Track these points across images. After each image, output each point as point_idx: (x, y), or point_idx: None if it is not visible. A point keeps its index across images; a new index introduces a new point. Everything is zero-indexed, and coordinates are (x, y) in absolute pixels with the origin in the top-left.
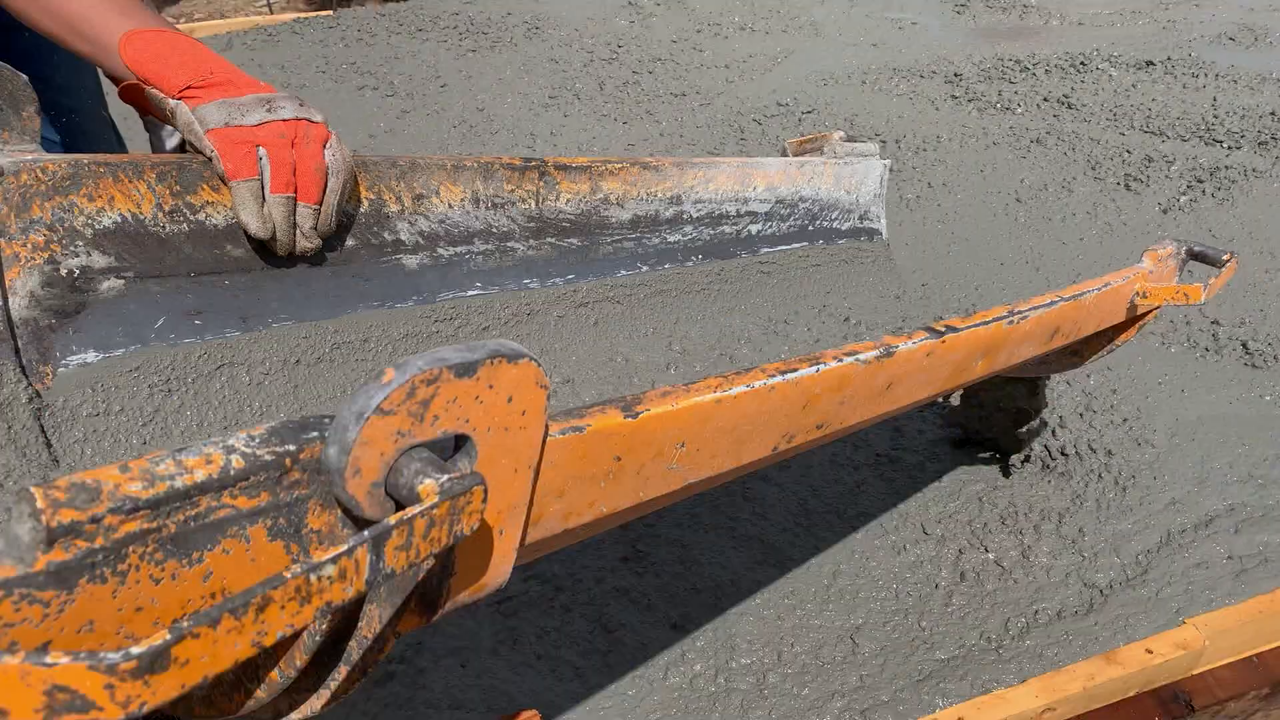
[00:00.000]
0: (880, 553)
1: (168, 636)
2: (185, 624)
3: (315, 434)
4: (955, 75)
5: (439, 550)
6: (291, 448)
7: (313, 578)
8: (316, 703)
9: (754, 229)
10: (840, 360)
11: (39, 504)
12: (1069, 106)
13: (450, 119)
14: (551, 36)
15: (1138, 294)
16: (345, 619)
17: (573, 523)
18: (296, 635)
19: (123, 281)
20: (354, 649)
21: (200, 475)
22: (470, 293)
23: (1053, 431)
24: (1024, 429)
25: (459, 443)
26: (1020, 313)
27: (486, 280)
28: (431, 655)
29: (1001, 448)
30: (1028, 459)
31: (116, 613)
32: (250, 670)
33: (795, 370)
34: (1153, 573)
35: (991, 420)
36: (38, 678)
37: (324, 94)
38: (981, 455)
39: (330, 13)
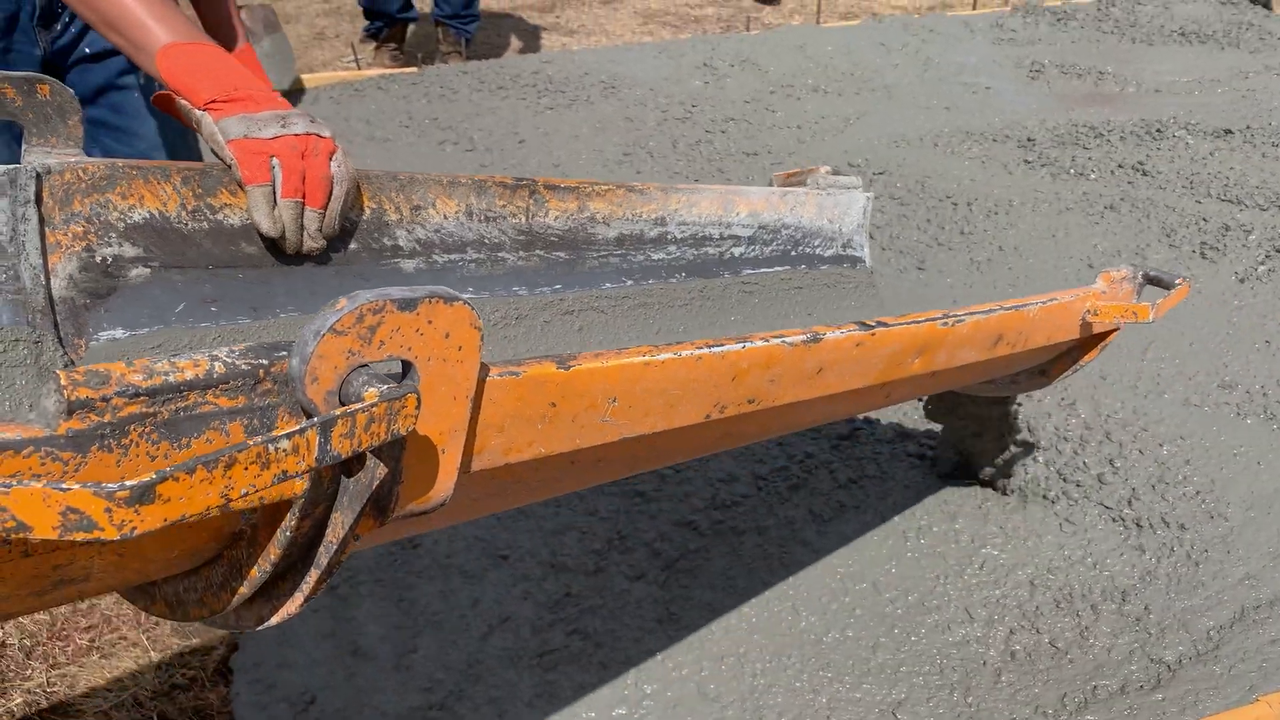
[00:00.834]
0: (922, 629)
1: (154, 476)
2: (168, 469)
3: (284, 353)
4: (1028, 140)
5: (377, 444)
6: (264, 361)
7: (271, 448)
8: (292, 606)
9: (737, 251)
10: (767, 341)
11: (62, 383)
12: (1144, 173)
13: (527, 174)
14: (627, 96)
15: (1089, 311)
16: (314, 529)
17: (513, 458)
18: (274, 519)
19: (149, 270)
20: (322, 554)
21: (189, 374)
22: (462, 296)
23: (1128, 502)
24: (1008, 452)
25: (405, 370)
26: (956, 316)
27: (478, 286)
28: (471, 703)
29: (983, 475)
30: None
31: (120, 479)
32: (235, 570)
33: (722, 345)
34: (1225, 649)
35: (975, 443)
36: (55, 500)
37: (406, 147)
38: (1028, 541)
39: (415, 70)
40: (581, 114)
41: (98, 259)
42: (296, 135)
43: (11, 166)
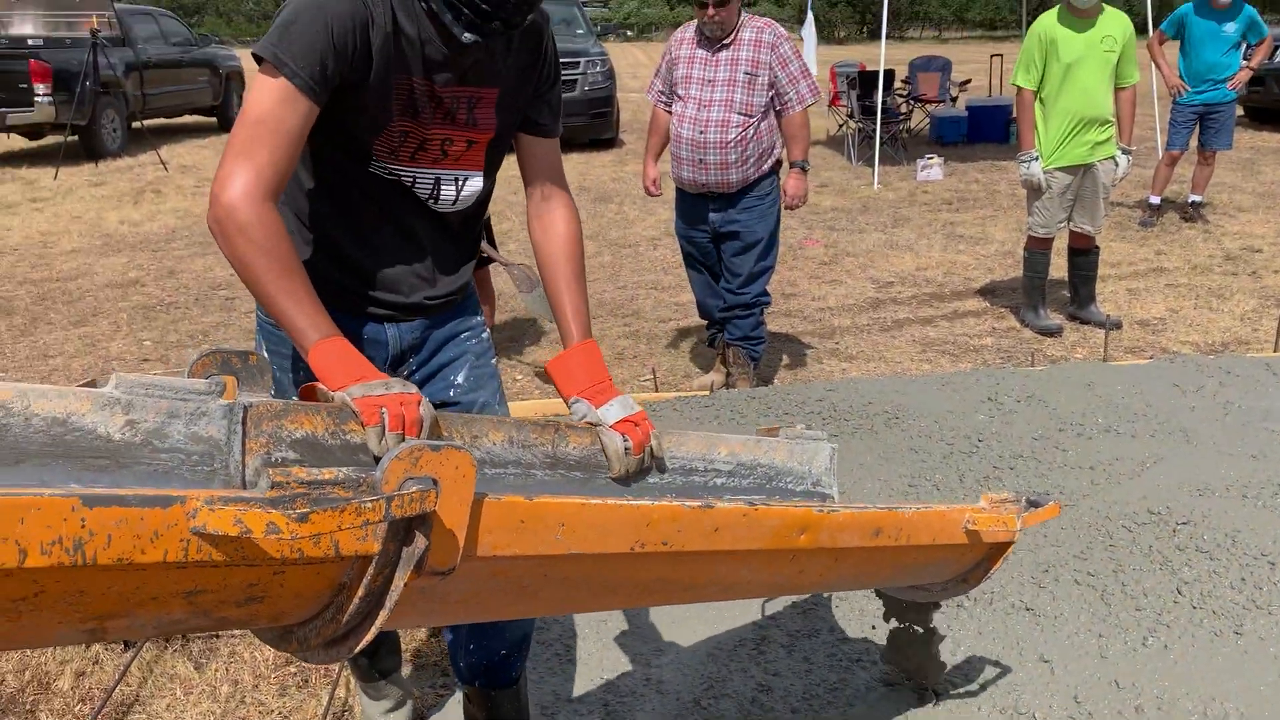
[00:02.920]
0: None
1: (308, 509)
2: (315, 508)
3: (374, 470)
4: None
5: (415, 515)
6: (363, 474)
7: (362, 504)
8: (365, 637)
9: (719, 481)
10: (671, 502)
11: (271, 475)
12: None
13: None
14: (911, 427)
15: (968, 521)
16: (383, 583)
17: (499, 552)
18: (362, 572)
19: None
20: (389, 596)
21: (327, 477)
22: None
23: None
24: (931, 655)
25: (434, 483)
26: (832, 507)
27: (514, 493)
28: None
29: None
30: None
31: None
32: (337, 612)
33: (639, 500)
34: None
35: (908, 651)
36: (263, 516)
37: None
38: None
39: (708, 393)
40: (866, 443)
41: (273, 459)
42: (396, 393)
43: (232, 401)
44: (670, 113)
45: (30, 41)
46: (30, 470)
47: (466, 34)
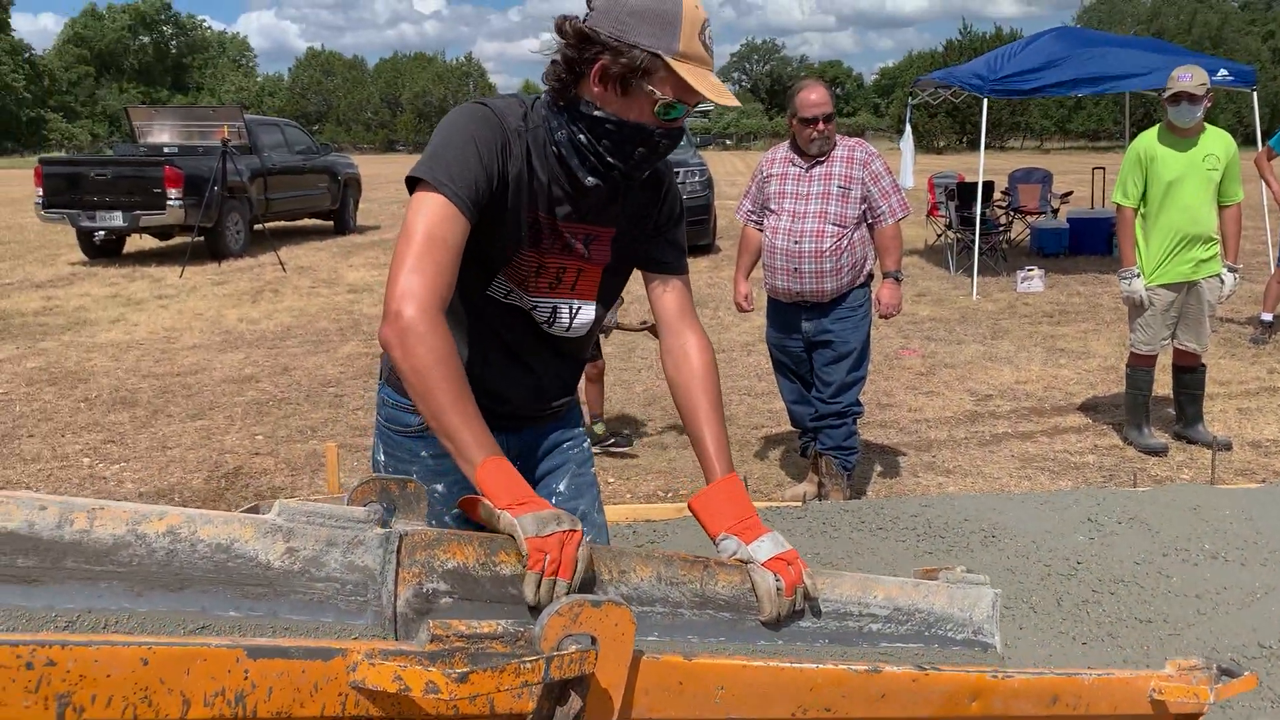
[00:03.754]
0: None
1: (468, 669)
2: (476, 668)
3: (533, 625)
4: None
5: (573, 676)
6: (522, 628)
7: (521, 664)
8: None
9: (874, 627)
10: (837, 665)
11: (432, 627)
12: None
13: None
14: (1008, 546)
15: (1154, 690)
16: None
17: (657, 714)
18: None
19: (451, 600)
20: None
21: (486, 630)
22: (650, 638)
23: None
24: None
25: (593, 641)
26: (1006, 671)
27: (662, 632)
28: None
29: None
30: None
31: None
32: None
33: (802, 663)
34: None
35: None
36: (422, 675)
37: None
38: None
39: (800, 504)
40: (961, 561)
41: (424, 590)
42: (563, 531)
43: (388, 529)
44: (760, 230)
45: (166, 149)
46: (193, 596)
47: (590, 178)
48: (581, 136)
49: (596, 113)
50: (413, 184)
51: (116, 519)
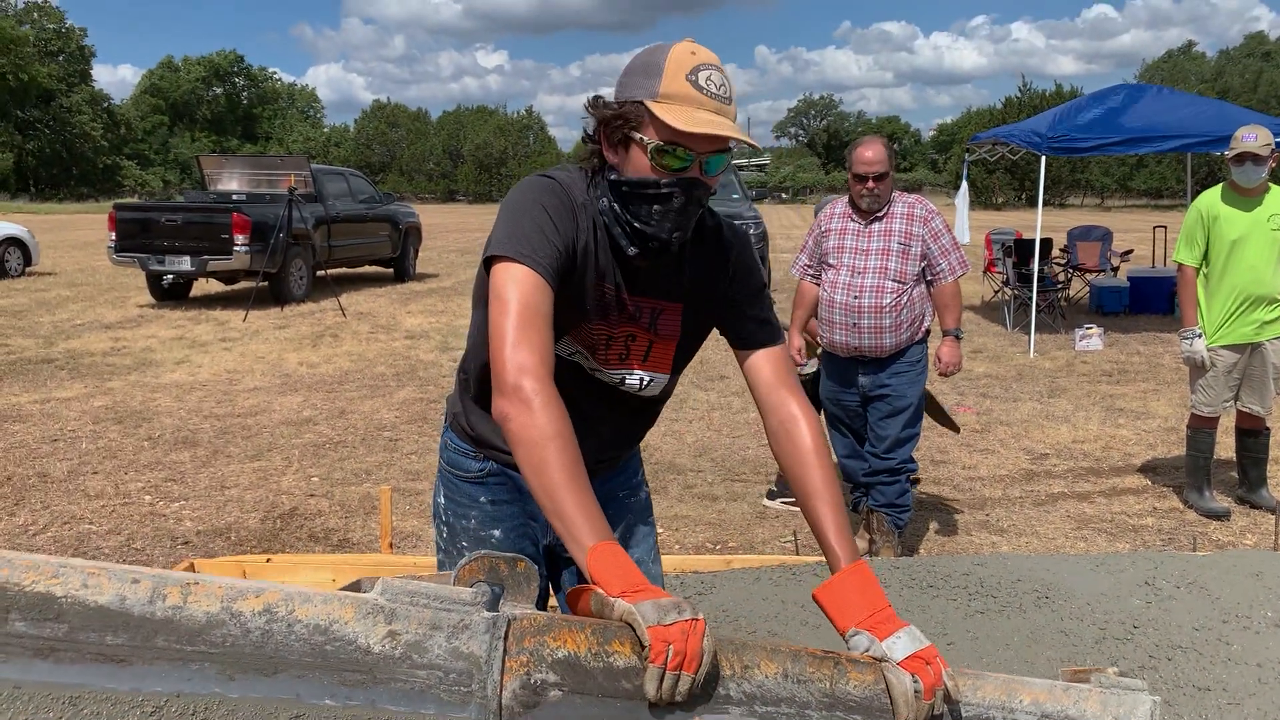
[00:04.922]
0: None
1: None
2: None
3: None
4: None
5: None
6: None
7: None
8: None
9: None
10: None
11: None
12: None
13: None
14: (1062, 608)
15: None
16: None
17: None
18: None
19: (561, 694)
20: None
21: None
22: None
23: None
24: None
25: None
26: None
27: None
28: None
29: None
30: None
31: None
32: None
33: None
34: None
35: None
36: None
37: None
38: None
39: None
40: (1014, 622)
41: (532, 681)
42: (686, 621)
43: (495, 613)
44: (817, 284)
45: (235, 197)
46: (286, 682)
47: (631, 248)
48: (615, 206)
49: (612, 176)
50: (490, 262)
51: (211, 595)
